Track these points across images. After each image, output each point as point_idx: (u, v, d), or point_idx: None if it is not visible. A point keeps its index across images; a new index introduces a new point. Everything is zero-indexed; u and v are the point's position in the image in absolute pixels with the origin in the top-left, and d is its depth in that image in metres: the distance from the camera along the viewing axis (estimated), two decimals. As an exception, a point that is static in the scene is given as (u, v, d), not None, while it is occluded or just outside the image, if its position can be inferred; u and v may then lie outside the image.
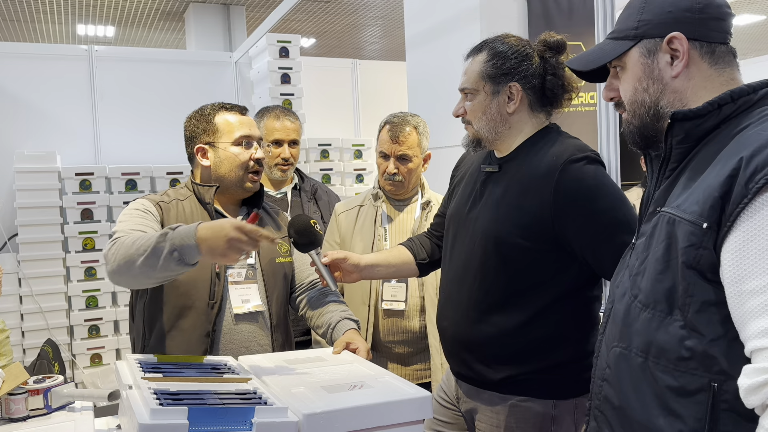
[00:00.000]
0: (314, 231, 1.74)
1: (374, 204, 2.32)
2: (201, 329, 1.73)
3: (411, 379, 2.23)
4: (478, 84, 1.63)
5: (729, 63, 1.11)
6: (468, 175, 1.79)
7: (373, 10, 8.00)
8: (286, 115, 2.57)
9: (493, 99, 1.61)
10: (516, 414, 1.61)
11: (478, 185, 1.70)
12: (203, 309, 1.73)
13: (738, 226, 0.93)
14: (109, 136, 4.57)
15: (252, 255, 1.84)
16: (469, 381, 1.70)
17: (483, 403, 1.67)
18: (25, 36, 8.43)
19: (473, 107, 1.64)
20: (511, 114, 1.62)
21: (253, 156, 1.83)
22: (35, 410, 1.58)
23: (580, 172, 1.51)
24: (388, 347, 2.26)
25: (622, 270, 1.19)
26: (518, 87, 1.60)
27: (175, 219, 1.78)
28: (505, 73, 1.60)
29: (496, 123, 1.62)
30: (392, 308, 2.22)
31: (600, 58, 1.19)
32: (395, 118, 2.28)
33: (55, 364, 3.79)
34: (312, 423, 1.18)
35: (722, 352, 0.97)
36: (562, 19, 2.63)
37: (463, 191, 1.76)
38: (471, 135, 1.68)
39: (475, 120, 1.64)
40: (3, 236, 4.12)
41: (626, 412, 1.10)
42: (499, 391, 1.63)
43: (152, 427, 1.08)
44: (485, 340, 1.62)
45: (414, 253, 1.91)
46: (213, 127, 1.83)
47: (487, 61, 1.61)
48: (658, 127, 1.14)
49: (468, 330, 1.65)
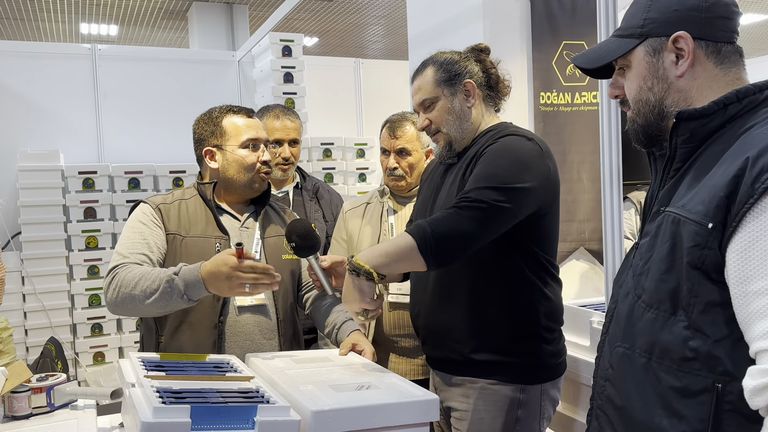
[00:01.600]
0: (315, 235, 1.75)
1: (380, 200, 2.37)
2: (208, 321, 1.76)
3: (417, 373, 2.25)
4: (435, 91, 1.77)
5: (735, 62, 1.10)
6: (429, 175, 1.93)
7: (376, 9, 7.99)
8: (285, 115, 2.57)
9: (454, 99, 1.76)
10: (485, 397, 1.69)
11: (438, 178, 1.84)
12: (209, 302, 1.76)
13: (743, 227, 0.93)
14: (112, 134, 4.58)
15: (259, 251, 1.86)
16: (443, 367, 1.78)
17: (455, 388, 1.74)
18: (28, 35, 8.45)
19: (438, 113, 1.77)
20: (471, 108, 1.77)
21: (260, 158, 1.86)
22: (38, 408, 1.58)
23: (508, 139, 1.67)
24: (393, 341, 2.27)
25: (625, 269, 1.19)
26: (472, 83, 1.76)
27: (176, 219, 1.81)
28: (456, 74, 1.76)
29: (461, 120, 1.76)
30: (398, 301, 2.25)
31: (605, 55, 1.19)
32: (394, 116, 2.37)
33: (58, 362, 3.80)
34: (320, 420, 1.19)
35: (726, 352, 0.97)
36: (565, 18, 2.62)
37: (427, 188, 1.89)
38: (443, 142, 1.79)
39: (442, 123, 1.76)
40: (6, 234, 4.13)
41: (629, 413, 1.09)
42: (470, 375, 1.71)
43: (155, 425, 1.08)
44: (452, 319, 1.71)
45: None
46: (221, 130, 1.87)
47: (437, 71, 1.77)
48: (663, 126, 1.14)
49: (436, 311, 1.75)
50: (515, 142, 1.67)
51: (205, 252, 1.77)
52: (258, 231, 1.90)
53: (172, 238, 1.79)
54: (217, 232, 1.82)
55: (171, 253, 1.78)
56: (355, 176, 4.65)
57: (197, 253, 1.77)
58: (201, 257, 1.74)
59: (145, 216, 1.81)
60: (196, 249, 1.78)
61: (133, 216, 1.84)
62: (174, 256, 1.77)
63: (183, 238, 1.79)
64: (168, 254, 1.78)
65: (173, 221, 1.81)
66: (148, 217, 1.80)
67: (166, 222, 1.80)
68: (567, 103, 2.66)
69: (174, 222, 1.80)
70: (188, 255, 1.76)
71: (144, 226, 1.79)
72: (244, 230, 1.88)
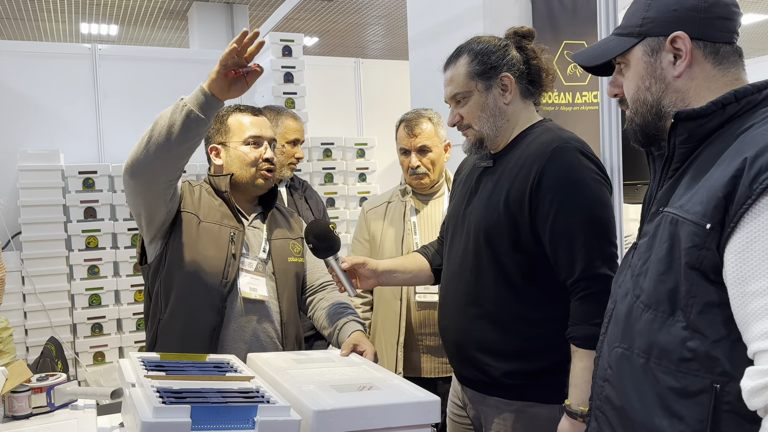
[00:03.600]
0: (334, 236, 1.74)
1: (402, 199, 2.36)
2: (212, 306, 1.75)
3: (443, 371, 2.26)
4: (468, 85, 1.63)
5: (734, 63, 1.10)
6: (465, 176, 1.80)
7: (376, 9, 7.99)
8: (297, 117, 2.67)
9: (489, 94, 1.62)
10: (523, 420, 1.60)
11: (473, 182, 1.72)
12: (216, 286, 1.76)
13: (742, 227, 0.93)
14: (113, 134, 4.58)
15: (265, 250, 1.87)
16: (472, 385, 1.69)
17: (489, 409, 1.66)
18: (28, 34, 8.45)
19: (470, 109, 1.64)
20: (508, 105, 1.63)
21: (263, 155, 1.87)
22: (38, 408, 1.58)
23: (569, 160, 1.51)
24: (420, 339, 2.27)
25: (624, 270, 1.19)
26: (509, 76, 1.61)
27: (198, 201, 1.83)
28: (493, 66, 1.61)
29: (496, 118, 1.62)
30: (426, 300, 2.26)
31: (603, 54, 1.19)
32: (409, 115, 2.35)
33: (58, 362, 3.80)
34: (321, 420, 1.19)
35: (725, 353, 0.97)
36: (566, 18, 2.62)
37: (461, 191, 1.77)
38: (472, 137, 1.67)
39: (474, 121, 1.64)
40: (6, 234, 4.13)
41: (627, 413, 1.09)
42: (504, 396, 1.62)
43: (155, 425, 1.08)
44: (485, 338, 1.61)
45: (429, 260, 1.90)
46: (226, 128, 1.90)
47: (471, 62, 1.62)
48: (661, 126, 1.14)
49: (467, 327, 1.65)
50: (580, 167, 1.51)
51: (219, 239, 1.79)
52: (265, 232, 1.91)
53: (190, 218, 1.80)
54: (233, 221, 1.83)
55: (186, 232, 1.78)
56: (355, 176, 4.65)
57: (211, 239, 1.78)
58: (214, 243, 1.78)
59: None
60: (211, 235, 1.79)
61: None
62: (189, 236, 1.77)
63: (200, 221, 1.80)
64: (182, 232, 1.78)
65: (195, 201, 1.83)
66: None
67: (187, 198, 1.82)
68: (568, 103, 2.66)
69: (195, 203, 1.83)
70: (201, 238, 1.78)
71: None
72: (251, 228, 1.89)
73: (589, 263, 1.48)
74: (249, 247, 1.85)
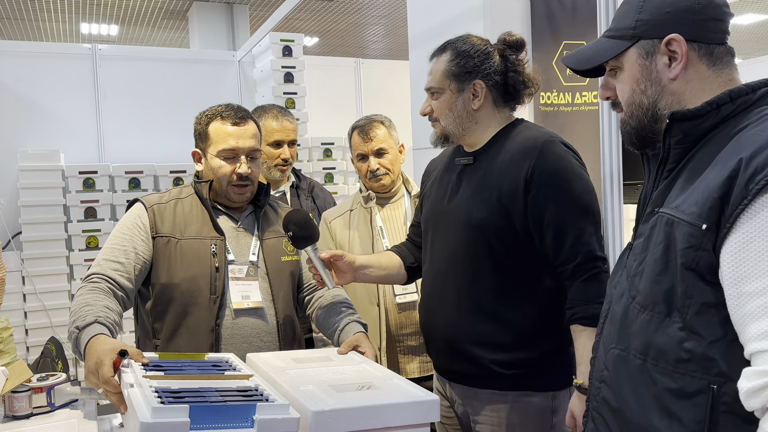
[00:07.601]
0: (313, 225, 1.73)
1: (365, 206, 2.36)
2: (206, 325, 1.74)
3: (424, 370, 2.27)
4: (443, 83, 1.68)
5: (727, 63, 1.10)
6: (440, 174, 1.82)
7: (376, 9, 7.99)
8: (284, 116, 2.57)
9: (459, 97, 1.67)
10: (517, 410, 1.63)
11: (454, 178, 1.74)
12: (206, 304, 1.75)
13: (737, 228, 0.93)
14: (113, 134, 4.59)
15: (256, 253, 1.85)
16: (464, 380, 1.71)
17: (481, 402, 1.67)
18: (28, 34, 8.45)
19: (440, 105, 1.70)
20: (477, 110, 1.68)
21: (236, 170, 1.81)
22: (38, 408, 1.59)
23: (558, 153, 1.59)
24: (401, 340, 2.28)
25: (619, 270, 1.19)
26: (482, 84, 1.66)
27: (171, 219, 1.80)
28: (468, 71, 1.66)
29: (462, 119, 1.68)
30: (406, 300, 2.27)
31: (596, 57, 1.18)
32: (361, 121, 2.40)
33: (58, 362, 3.80)
34: (320, 420, 1.19)
35: (722, 354, 0.97)
36: (566, 18, 2.62)
37: (438, 189, 1.80)
38: (438, 131, 1.73)
39: (442, 117, 1.70)
40: (7, 234, 4.14)
41: (624, 414, 1.09)
42: (497, 388, 1.64)
43: (154, 425, 1.08)
44: (480, 331, 1.64)
45: (402, 258, 1.92)
46: (206, 134, 1.85)
47: (451, 61, 1.67)
48: (656, 128, 1.13)
49: (460, 321, 1.67)
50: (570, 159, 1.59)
51: (200, 255, 1.76)
52: (256, 233, 1.89)
53: (166, 241, 1.77)
54: (212, 232, 1.80)
55: (165, 257, 1.76)
56: (355, 176, 4.65)
57: (192, 257, 1.76)
58: (196, 260, 1.74)
59: (136, 219, 1.79)
60: (191, 252, 1.77)
61: (125, 217, 1.83)
62: (168, 259, 1.75)
63: (178, 240, 1.77)
64: (161, 258, 1.76)
65: (168, 222, 1.79)
66: (137, 221, 1.79)
67: (158, 224, 1.78)
68: (567, 103, 2.66)
69: (168, 223, 1.79)
70: (183, 258, 1.76)
71: (130, 230, 1.77)
72: (240, 231, 1.87)
73: (590, 247, 1.56)
74: (237, 253, 1.83)
